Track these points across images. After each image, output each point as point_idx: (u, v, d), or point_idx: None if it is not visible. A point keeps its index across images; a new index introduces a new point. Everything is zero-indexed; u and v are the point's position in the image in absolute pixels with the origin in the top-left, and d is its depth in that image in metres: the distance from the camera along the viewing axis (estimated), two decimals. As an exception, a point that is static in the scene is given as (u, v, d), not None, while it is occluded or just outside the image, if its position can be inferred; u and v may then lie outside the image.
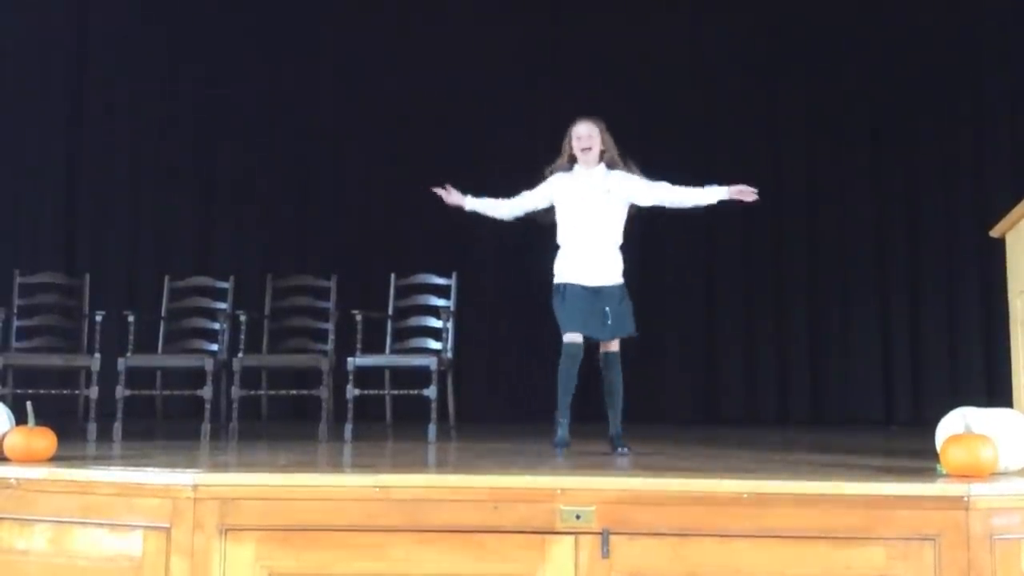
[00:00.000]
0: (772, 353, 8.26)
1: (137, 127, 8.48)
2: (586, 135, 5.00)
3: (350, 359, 6.02)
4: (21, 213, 8.40)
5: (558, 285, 4.98)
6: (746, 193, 4.96)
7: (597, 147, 5.01)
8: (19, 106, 8.34)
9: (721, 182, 4.92)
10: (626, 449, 4.76)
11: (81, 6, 8.56)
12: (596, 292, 4.92)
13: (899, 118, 8.25)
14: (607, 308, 4.89)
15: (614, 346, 4.97)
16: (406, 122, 8.26)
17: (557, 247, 5.07)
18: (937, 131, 8.20)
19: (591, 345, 4.96)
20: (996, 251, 4.73)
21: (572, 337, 4.85)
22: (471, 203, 5.25)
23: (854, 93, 8.27)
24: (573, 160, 5.04)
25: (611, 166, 5.04)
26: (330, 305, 6.52)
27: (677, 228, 8.16)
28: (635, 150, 8.05)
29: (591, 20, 8.29)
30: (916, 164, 8.27)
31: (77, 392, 6.33)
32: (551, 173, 5.09)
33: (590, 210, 4.96)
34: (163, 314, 6.66)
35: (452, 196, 5.28)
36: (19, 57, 8.35)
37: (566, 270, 4.98)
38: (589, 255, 4.95)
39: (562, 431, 4.84)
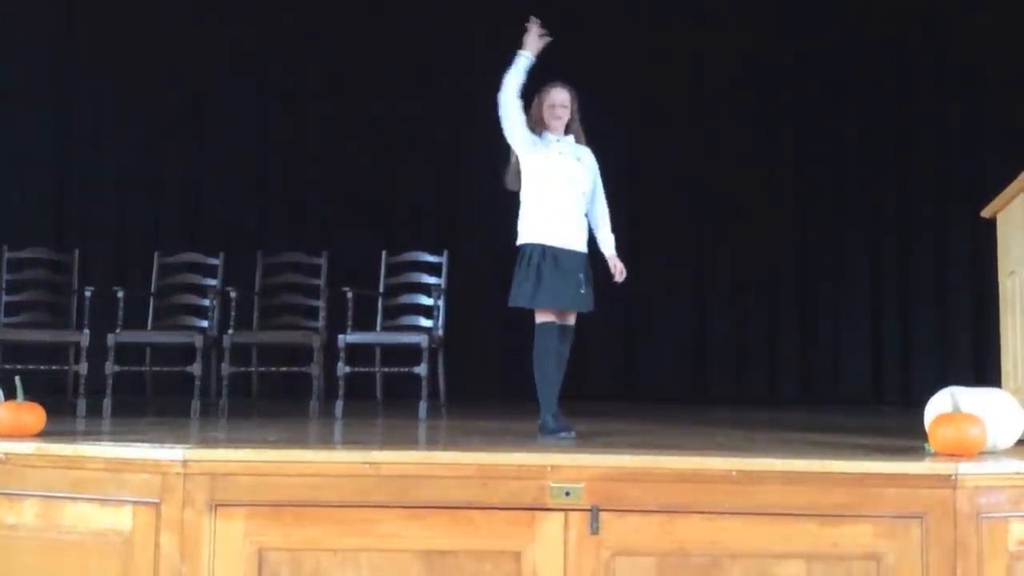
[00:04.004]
0: (763, 333, 8.28)
1: (127, 103, 8.40)
2: (560, 103, 4.59)
3: (341, 336, 6.02)
4: (10, 188, 8.34)
5: (536, 246, 4.47)
6: (618, 271, 4.67)
7: (566, 117, 4.64)
8: (8, 81, 8.27)
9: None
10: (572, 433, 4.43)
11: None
12: (575, 257, 4.52)
13: (891, 100, 8.25)
14: (580, 276, 4.52)
15: (572, 319, 4.63)
16: (398, 100, 8.23)
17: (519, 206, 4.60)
18: (929, 113, 8.20)
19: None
20: (986, 232, 4.74)
21: (548, 316, 4.48)
22: (526, 63, 4.54)
23: (846, 75, 8.26)
24: (539, 124, 4.62)
25: (578, 140, 4.67)
26: (321, 282, 6.51)
27: (669, 207, 8.18)
28: (634, 149, 8.09)
29: (590, 16, 8.27)
30: (908, 146, 8.29)
31: (66, 368, 6.31)
32: None
33: (567, 173, 4.56)
34: (153, 290, 6.64)
35: (532, 35, 4.56)
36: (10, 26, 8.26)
37: (547, 231, 4.47)
38: (569, 217, 4.54)
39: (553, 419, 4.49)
